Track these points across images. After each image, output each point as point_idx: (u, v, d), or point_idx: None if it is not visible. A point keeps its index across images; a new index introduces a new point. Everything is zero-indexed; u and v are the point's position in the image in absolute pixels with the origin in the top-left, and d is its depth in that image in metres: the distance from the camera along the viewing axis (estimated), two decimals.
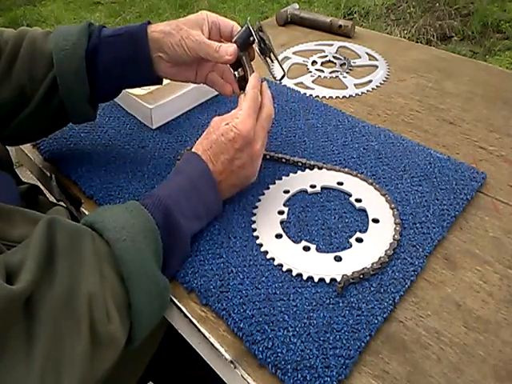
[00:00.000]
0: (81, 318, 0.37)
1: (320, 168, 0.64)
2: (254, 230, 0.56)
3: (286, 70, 0.63)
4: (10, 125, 0.60)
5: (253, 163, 0.55)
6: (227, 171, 0.54)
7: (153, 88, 0.75)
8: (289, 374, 0.42)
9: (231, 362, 0.44)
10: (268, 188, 0.61)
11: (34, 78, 0.59)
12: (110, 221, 0.44)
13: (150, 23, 0.60)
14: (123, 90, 0.75)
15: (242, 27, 0.60)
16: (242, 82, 0.61)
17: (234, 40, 0.59)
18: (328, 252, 0.53)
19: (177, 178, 0.53)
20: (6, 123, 0.60)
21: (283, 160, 0.66)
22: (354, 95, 0.81)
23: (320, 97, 0.81)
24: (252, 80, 0.58)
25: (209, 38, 0.59)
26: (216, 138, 0.54)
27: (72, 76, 0.58)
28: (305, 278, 0.50)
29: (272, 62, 0.64)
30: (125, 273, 0.42)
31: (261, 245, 0.54)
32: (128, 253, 0.42)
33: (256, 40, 0.59)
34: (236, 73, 0.63)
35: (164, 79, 0.64)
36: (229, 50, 0.58)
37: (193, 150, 0.56)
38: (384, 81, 0.85)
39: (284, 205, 0.59)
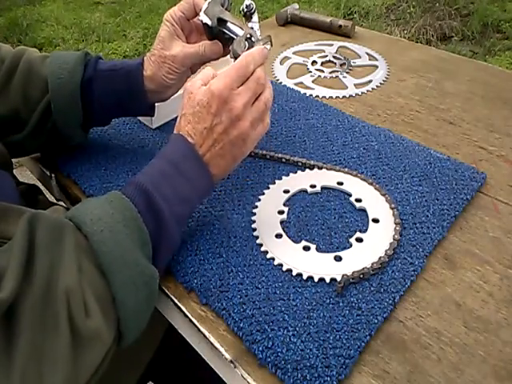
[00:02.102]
0: (59, 315, 0.36)
1: (320, 168, 0.64)
2: (254, 229, 0.56)
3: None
4: (4, 142, 0.61)
5: (236, 127, 0.50)
6: (210, 141, 0.50)
7: None
8: (289, 374, 0.42)
9: (231, 361, 0.44)
10: (268, 188, 0.61)
11: (28, 102, 0.60)
12: (87, 213, 0.43)
13: (144, 58, 0.61)
14: None
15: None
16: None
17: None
18: (328, 252, 0.53)
19: (158, 161, 0.50)
20: None
21: (283, 160, 0.66)
22: (354, 95, 0.81)
23: (320, 97, 0.81)
24: (252, 49, 0.53)
25: (188, 34, 0.62)
26: (192, 110, 0.50)
27: (66, 103, 0.59)
28: (305, 277, 0.50)
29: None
30: (104, 265, 0.40)
31: (261, 245, 0.54)
32: (105, 244, 0.41)
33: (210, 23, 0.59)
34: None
35: None
36: (216, 47, 0.60)
37: (175, 129, 0.52)
38: (384, 81, 0.85)
39: (284, 205, 0.59)
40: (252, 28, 0.61)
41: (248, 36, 0.56)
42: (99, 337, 0.39)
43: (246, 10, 0.61)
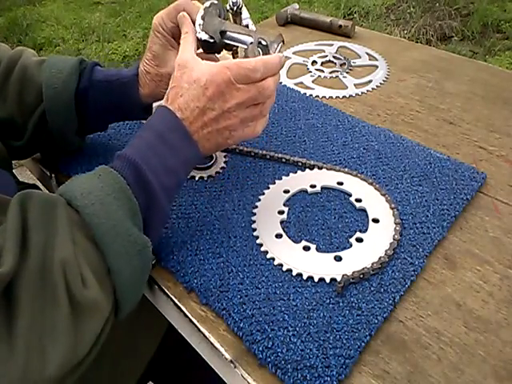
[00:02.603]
0: (57, 287, 0.37)
1: (320, 168, 0.63)
2: (254, 229, 0.56)
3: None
4: (3, 145, 0.61)
5: (225, 118, 0.50)
6: (198, 123, 0.49)
7: None
8: (289, 374, 0.42)
9: (231, 361, 0.44)
10: (268, 188, 0.61)
11: (24, 108, 0.60)
12: (77, 188, 0.43)
13: (138, 72, 0.61)
14: None
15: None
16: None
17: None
18: (328, 252, 0.53)
19: (144, 133, 0.49)
20: None
21: (283, 160, 0.66)
22: (354, 95, 0.81)
23: (320, 97, 0.81)
24: (269, 57, 0.51)
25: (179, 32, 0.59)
26: (187, 87, 0.49)
27: (61, 112, 0.60)
28: (305, 277, 0.50)
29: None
30: (96, 237, 0.41)
31: (261, 244, 0.54)
32: (97, 216, 0.41)
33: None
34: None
35: None
36: (210, 58, 0.57)
37: (163, 101, 0.52)
38: (384, 81, 0.85)
39: (284, 205, 0.59)
40: (248, 26, 0.60)
41: (259, 41, 0.54)
42: (97, 306, 0.39)
43: (232, 6, 0.60)
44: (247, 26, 0.60)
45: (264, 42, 0.54)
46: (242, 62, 0.49)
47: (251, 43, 0.54)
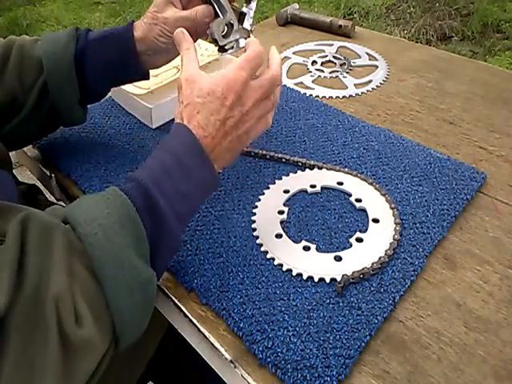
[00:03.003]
0: (48, 324, 0.34)
1: (320, 168, 0.63)
2: (254, 229, 0.56)
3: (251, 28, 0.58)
4: (3, 130, 0.61)
5: (244, 122, 0.49)
6: (220, 134, 0.48)
7: (153, 88, 0.75)
8: (289, 374, 0.42)
9: (231, 361, 0.44)
10: (268, 188, 0.61)
11: (24, 84, 0.60)
12: (81, 213, 0.41)
13: (133, 22, 0.61)
14: (123, 90, 0.76)
15: None
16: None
17: None
18: (328, 252, 0.53)
19: (160, 155, 0.47)
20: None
21: (283, 160, 0.66)
22: (354, 95, 0.81)
23: (320, 97, 0.81)
24: (253, 43, 0.50)
25: (182, 8, 0.59)
26: (202, 101, 0.47)
27: (62, 79, 0.59)
28: (305, 277, 0.50)
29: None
30: (97, 269, 0.38)
31: (261, 244, 0.54)
32: (99, 247, 0.39)
33: None
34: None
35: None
36: (206, 11, 0.57)
37: (176, 120, 0.50)
38: (384, 81, 0.85)
39: (284, 205, 0.59)
40: (243, 13, 0.59)
41: (230, 22, 0.55)
42: (91, 345, 0.37)
43: None
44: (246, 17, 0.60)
45: (235, 26, 0.56)
46: (248, 55, 0.48)
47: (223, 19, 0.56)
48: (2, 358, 0.32)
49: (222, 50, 0.58)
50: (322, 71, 0.89)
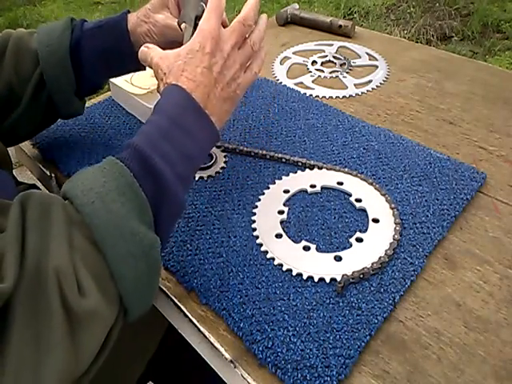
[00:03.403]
0: (51, 297, 0.34)
1: (320, 168, 0.63)
2: (254, 229, 0.56)
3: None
4: (2, 124, 0.61)
5: (228, 67, 0.49)
6: (211, 81, 0.48)
7: (153, 88, 0.75)
8: (289, 374, 0.42)
9: (231, 361, 0.44)
10: (268, 188, 0.61)
11: (21, 77, 0.60)
12: (78, 185, 0.40)
13: (129, 12, 0.61)
14: (123, 90, 0.76)
15: None
16: None
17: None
18: (328, 252, 0.53)
19: (154, 118, 0.46)
20: None
21: (283, 160, 0.66)
22: (354, 95, 0.81)
23: (320, 97, 0.81)
24: None
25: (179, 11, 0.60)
26: (183, 61, 0.48)
27: (57, 69, 0.59)
28: (305, 277, 0.50)
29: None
30: (97, 238, 0.38)
31: (261, 244, 0.54)
32: (97, 216, 0.38)
33: None
34: None
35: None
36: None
37: (162, 87, 0.50)
38: (384, 81, 0.85)
39: (284, 204, 0.59)
40: None
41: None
42: (97, 315, 0.36)
43: None
44: None
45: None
46: (211, 6, 0.49)
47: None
48: (8, 336, 0.32)
49: None
50: (322, 71, 0.88)
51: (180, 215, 0.47)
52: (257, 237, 0.55)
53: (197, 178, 0.64)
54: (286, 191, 0.60)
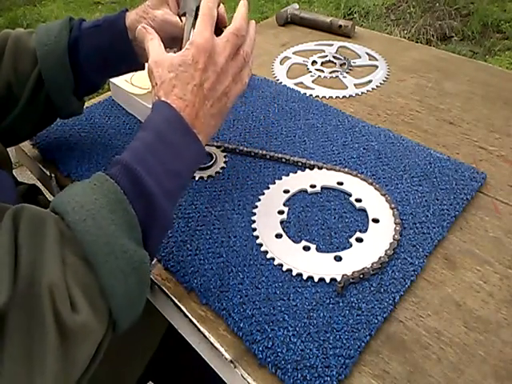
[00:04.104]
0: (44, 312, 0.35)
1: (320, 168, 0.63)
2: (254, 229, 0.56)
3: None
4: (1, 125, 0.61)
5: (220, 81, 0.49)
6: (200, 99, 0.48)
7: None
8: (289, 374, 0.42)
9: (231, 361, 0.44)
10: (268, 188, 0.61)
11: (19, 76, 0.60)
12: (69, 201, 0.40)
13: (127, 10, 0.60)
14: (123, 90, 0.76)
15: None
16: None
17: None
18: (328, 252, 0.53)
19: (142, 134, 0.46)
20: None
21: (283, 160, 0.66)
22: (354, 95, 0.81)
23: (320, 97, 0.81)
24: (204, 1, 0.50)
25: (178, 12, 0.59)
26: (174, 74, 0.47)
27: (56, 68, 0.59)
28: (305, 277, 0.50)
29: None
30: (89, 255, 0.38)
31: (261, 244, 0.54)
32: (89, 233, 0.39)
33: None
34: None
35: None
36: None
37: (153, 99, 0.49)
38: (384, 81, 0.85)
39: (284, 205, 0.59)
40: None
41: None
42: (88, 330, 0.37)
43: None
44: None
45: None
46: (202, 18, 0.48)
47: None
48: (2, 352, 0.33)
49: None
50: (322, 71, 0.88)
51: (168, 231, 0.48)
52: (257, 237, 0.55)
53: (197, 178, 0.64)
54: (286, 191, 0.60)
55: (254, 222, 0.57)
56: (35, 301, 0.35)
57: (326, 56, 0.93)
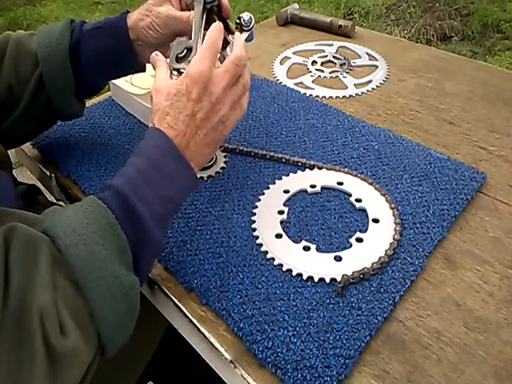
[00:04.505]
0: (34, 335, 0.34)
1: (320, 168, 0.63)
2: (254, 229, 0.56)
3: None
4: (1, 126, 0.61)
5: (217, 111, 0.49)
6: (192, 130, 0.48)
7: None
8: (289, 374, 0.42)
9: (231, 361, 0.44)
10: (268, 188, 0.61)
11: (20, 78, 0.60)
12: (61, 225, 0.40)
13: (128, 12, 0.60)
14: (123, 90, 0.76)
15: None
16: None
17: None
18: (328, 252, 0.53)
19: (135, 160, 0.47)
20: None
21: (283, 160, 0.66)
22: (354, 95, 0.81)
23: (320, 97, 0.81)
24: (211, 29, 0.50)
25: (181, 9, 0.60)
26: (170, 102, 0.48)
27: (57, 70, 0.59)
28: (305, 277, 0.50)
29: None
30: (79, 280, 0.38)
31: (261, 244, 0.54)
32: (79, 258, 0.39)
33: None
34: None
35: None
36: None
37: (149, 125, 0.50)
38: (384, 81, 0.85)
39: (284, 205, 0.59)
40: (226, 40, 0.56)
41: (190, 47, 0.53)
42: (77, 355, 0.37)
43: (241, 23, 0.60)
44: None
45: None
46: (206, 43, 0.48)
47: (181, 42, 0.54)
48: None
49: (175, 71, 0.53)
50: (322, 71, 0.88)
51: (158, 254, 0.49)
52: (257, 237, 0.55)
53: None
54: (286, 191, 0.60)
55: (254, 222, 0.57)
56: (25, 323, 0.35)
57: (326, 56, 0.93)
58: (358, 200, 0.58)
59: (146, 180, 0.45)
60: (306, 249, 0.53)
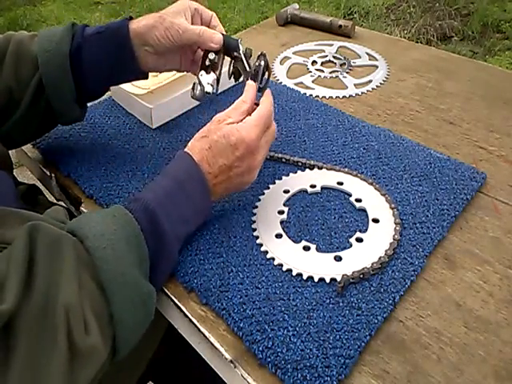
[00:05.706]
0: (57, 330, 0.36)
1: (320, 168, 0.63)
2: (254, 229, 0.56)
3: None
4: (1, 129, 0.61)
5: (250, 173, 0.54)
6: (223, 176, 0.52)
7: (153, 88, 0.75)
8: (289, 374, 0.42)
9: (231, 361, 0.44)
10: (268, 188, 0.61)
11: (20, 81, 0.59)
12: (90, 227, 0.43)
13: (131, 18, 0.60)
14: (123, 90, 0.76)
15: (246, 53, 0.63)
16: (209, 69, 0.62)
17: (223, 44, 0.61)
18: (328, 252, 0.53)
19: (164, 180, 0.51)
20: None
21: (283, 160, 0.66)
22: (354, 95, 0.81)
23: (320, 97, 0.81)
24: (265, 101, 0.56)
25: (192, 23, 0.61)
26: (217, 139, 0.52)
27: (57, 75, 0.59)
28: (305, 277, 0.50)
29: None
30: (104, 282, 0.40)
31: (261, 244, 0.54)
32: (107, 262, 0.41)
33: (238, 58, 0.62)
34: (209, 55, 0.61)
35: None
36: (215, 37, 0.59)
37: (187, 148, 0.54)
38: (384, 81, 0.85)
39: (284, 205, 0.59)
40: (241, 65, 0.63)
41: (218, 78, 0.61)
42: (96, 353, 0.38)
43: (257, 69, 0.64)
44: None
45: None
46: (261, 114, 0.53)
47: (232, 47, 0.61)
48: (10, 360, 0.34)
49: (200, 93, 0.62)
50: (322, 71, 0.88)
51: (172, 269, 0.51)
52: (257, 237, 0.55)
53: None
54: (286, 191, 0.60)
55: (253, 222, 0.57)
56: (49, 320, 0.36)
57: (326, 56, 0.93)
58: (358, 200, 0.58)
59: (171, 200, 0.49)
60: (306, 249, 0.53)
